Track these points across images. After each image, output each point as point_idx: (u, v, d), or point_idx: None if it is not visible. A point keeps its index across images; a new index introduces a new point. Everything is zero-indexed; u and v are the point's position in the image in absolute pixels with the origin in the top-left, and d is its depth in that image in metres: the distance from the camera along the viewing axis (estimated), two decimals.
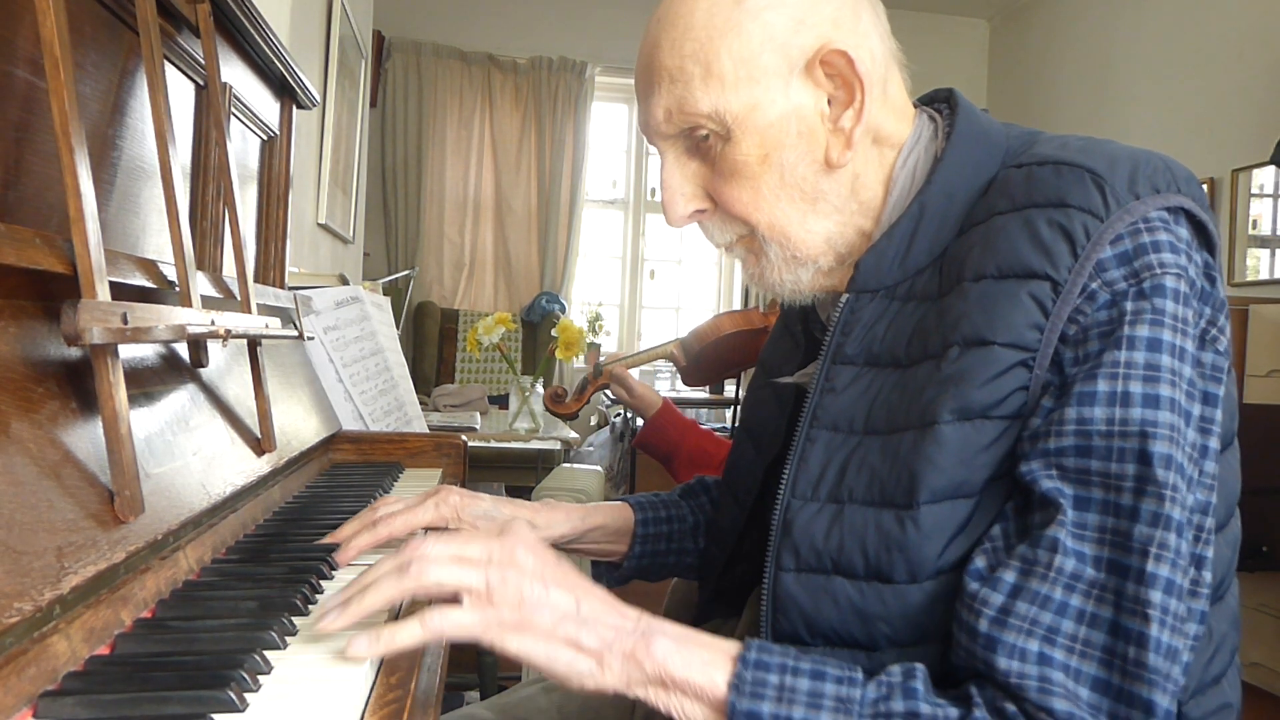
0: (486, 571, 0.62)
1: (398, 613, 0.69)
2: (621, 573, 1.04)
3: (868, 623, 0.68)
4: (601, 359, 1.92)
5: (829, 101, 0.74)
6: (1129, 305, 0.63)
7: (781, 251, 0.77)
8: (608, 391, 1.90)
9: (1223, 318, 0.68)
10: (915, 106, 0.81)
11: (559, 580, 0.64)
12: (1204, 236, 0.69)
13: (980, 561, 0.64)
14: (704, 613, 1.05)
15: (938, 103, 0.82)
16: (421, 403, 2.30)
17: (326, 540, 0.85)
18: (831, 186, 0.75)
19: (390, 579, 0.62)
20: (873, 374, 0.74)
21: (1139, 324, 0.63)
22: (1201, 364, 0.66)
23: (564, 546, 0.98)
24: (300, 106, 1.33)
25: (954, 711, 0.61)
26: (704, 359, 1.84)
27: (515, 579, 0.62)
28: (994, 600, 0.62)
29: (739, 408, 0.99)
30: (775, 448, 0.88)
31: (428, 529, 0.91)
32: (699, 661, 0.63)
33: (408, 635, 0.60)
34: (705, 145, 0.76)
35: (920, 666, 0.64)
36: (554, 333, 2.73)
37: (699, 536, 1.05)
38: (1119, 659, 0.59)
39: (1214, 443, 0.65)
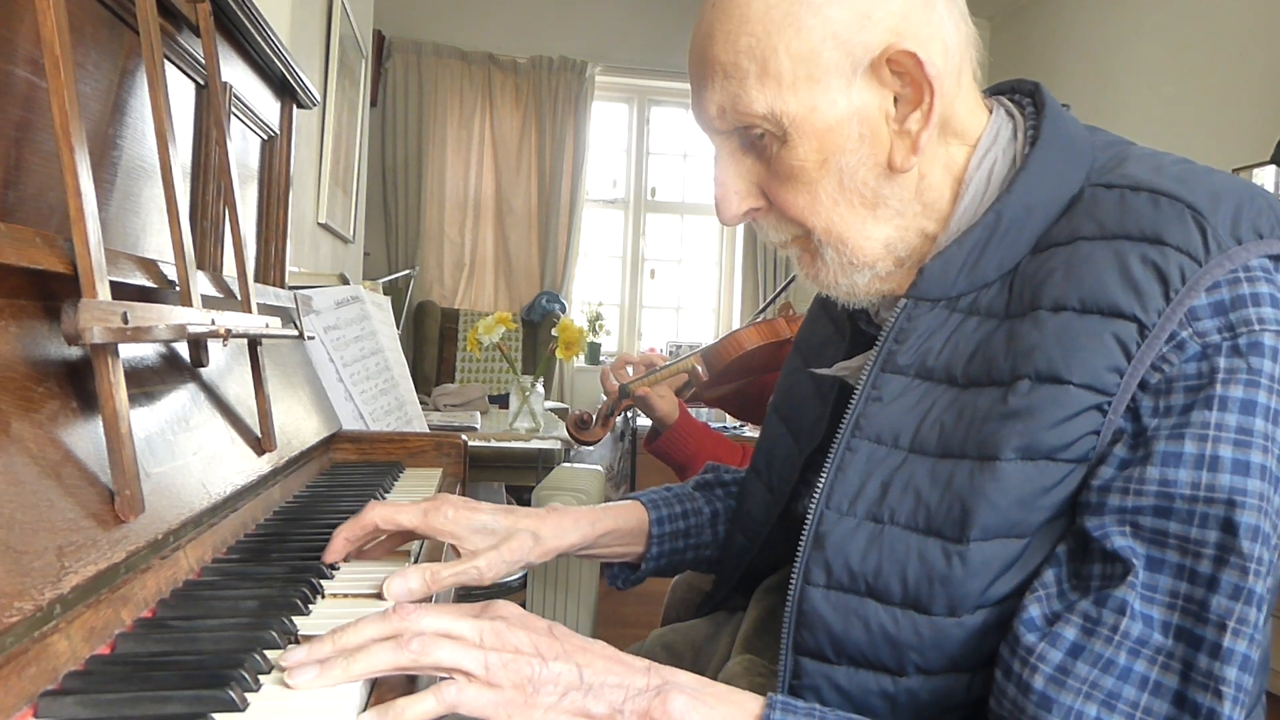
0: (485, 655, 0.58)
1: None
2: (638, 575, 1.00)
3: (898, 649, 0.66)
4: (625, 382, 1.83)
5: (895, 100, 0.68)
6: (1222, 362, 0.59)
7: (838, 256, 0.73)
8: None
9: None
10: (987, 96, 0.76)
11: (556, 652, 0.60)
12: None
13: (1034, 611, 0.61)
14: (712, 605, 1.03)
15: (1018, 94, 0.77)
16: (422, 402, 2.30)
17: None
18: (894, 191, 0.71)
19: (385, 650, 0.57)
20: (924, 388, 0.70)
21: (1233, 384, 0.59)
22: None
23: (575, 555, 0.94)
24: (300, 106, 1.33)
25: None
26: (728, 377, 1.78)
27: (513, 661, 0.58)
28: (1052, 657, 0.59)
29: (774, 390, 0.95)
30: (815, 441, 0.85)
31: (415, 536, 0.91)
32: (719, 719, 0.60)
33: (422, 709, 0.56)
34: (761, 143, 0.71)
35: None
36: (554, 332, 2.73)
37: (717, 526, 1.02)
38: None
39: None
